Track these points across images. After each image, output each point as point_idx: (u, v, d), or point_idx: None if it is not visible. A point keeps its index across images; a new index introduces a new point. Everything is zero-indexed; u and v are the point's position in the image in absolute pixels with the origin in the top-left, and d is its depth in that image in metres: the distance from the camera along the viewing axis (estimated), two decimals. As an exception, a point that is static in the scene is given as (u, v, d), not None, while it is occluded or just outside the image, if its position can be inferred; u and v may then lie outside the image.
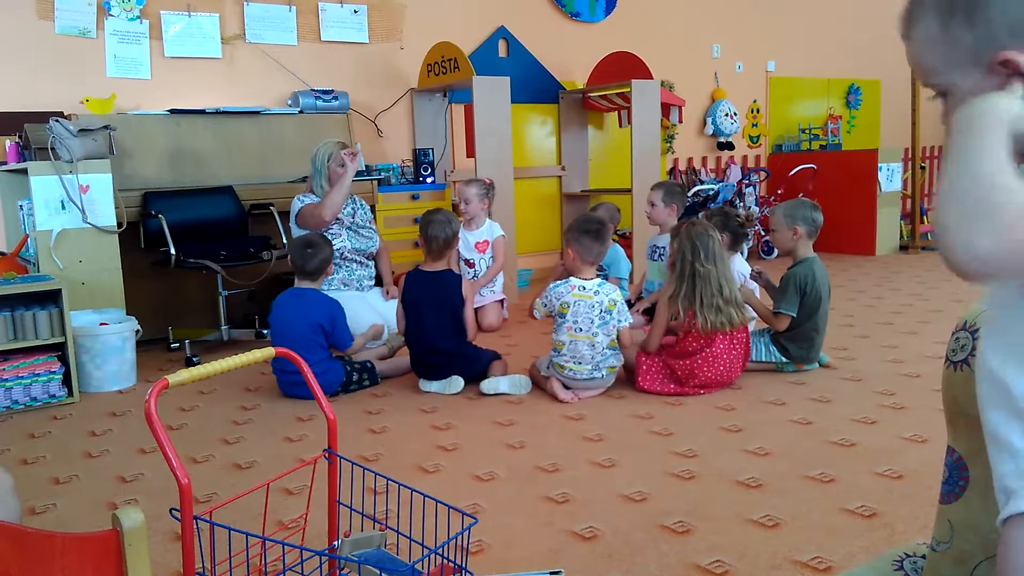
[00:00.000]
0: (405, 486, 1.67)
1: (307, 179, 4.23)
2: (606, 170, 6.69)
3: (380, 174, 5.16)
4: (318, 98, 5.00)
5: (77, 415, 3.20)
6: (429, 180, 5.35)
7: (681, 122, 6.80)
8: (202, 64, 4.92)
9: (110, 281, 3.78)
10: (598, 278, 3.18)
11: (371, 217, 4.32)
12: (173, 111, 4.56)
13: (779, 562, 1.78)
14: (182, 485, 1.21)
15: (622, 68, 6.06)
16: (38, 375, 3.28)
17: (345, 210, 4.11)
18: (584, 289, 3.11)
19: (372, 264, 4.29)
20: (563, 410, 3.01)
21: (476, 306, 4.02)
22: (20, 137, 4.06)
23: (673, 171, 7.10)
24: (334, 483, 1.60)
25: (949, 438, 1.02)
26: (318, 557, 1.53)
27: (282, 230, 4.27)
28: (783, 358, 3.35)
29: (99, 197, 3.74)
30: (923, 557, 1.07)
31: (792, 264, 3.37)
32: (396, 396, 3.29)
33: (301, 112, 4.94)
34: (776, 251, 3.31)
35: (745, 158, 7.62)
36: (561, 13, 6.37)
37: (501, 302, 4.61)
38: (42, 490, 2.40)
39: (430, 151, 5.42)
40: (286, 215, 4.27)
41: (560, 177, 6.47)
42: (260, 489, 1.64)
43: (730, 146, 7.40)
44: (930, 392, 2.97)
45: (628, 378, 3.26)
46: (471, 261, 4.58)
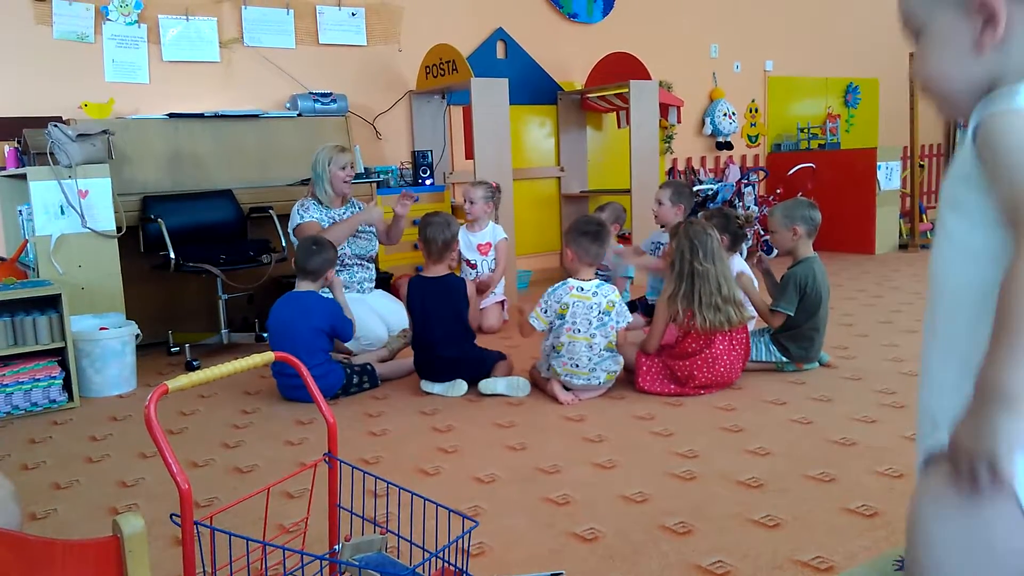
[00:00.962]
0: (405, 489, 1.67)
1: (308, 182, 4.23)
2: (605, 171, 6.69)
3: (379, 176, 5.16)
4: (316, 101, 5.00)
5: (78, 420, 3.20)
6: (428, 182, 5.35)
7: (680, 122, 6.80)
8: (200, 68, 4.92)
9: (110, 285, 3.78)
10: (597, 279, 3.18)
11: None
12: (172, 115, 4.56)
13: (780, 562, 1.78)
14: (182, 491, 1.21)
15: (620, 69, 6.06)
16: (38, 380, 3.28)
17: (345, 215, 4.11)
18: (582, 290, 3.10)
19: (373, 267, 4.29)
20: (563, 411, 3.01)
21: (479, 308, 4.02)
22: (19, 142, 4.06)
23: (672, 171, 7.10)
24: (334, 487, 1.60)
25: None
26: (319, 561, 1.54)
27: (281, 233, 4.27)
28: (783, 357, 3.35)
29: (98, 202, 3.74)
30: (923, 557, 1.07)
31: (793, 263, 3.37)
32: (396, 398, 3.29)
33: (300, 115, 4.94)
34: (776, 251, 3.30)
35: (744, 158, 7.62)
36: (559, 14, 6.37)
37: (501, 303, 4.61)
38: (43, 495, 2.40)
39: (429, 153, 5.42)
40: (285, 218, 4.28)
41: (559, 178, 6.47)
42: (261, 493, 1.64)
43: (729, 146, 7.41)
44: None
45: (628, 379, 3.26)
46: (473, 262, 4.59)
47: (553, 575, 1.73)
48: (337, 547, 1.60)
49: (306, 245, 3.42)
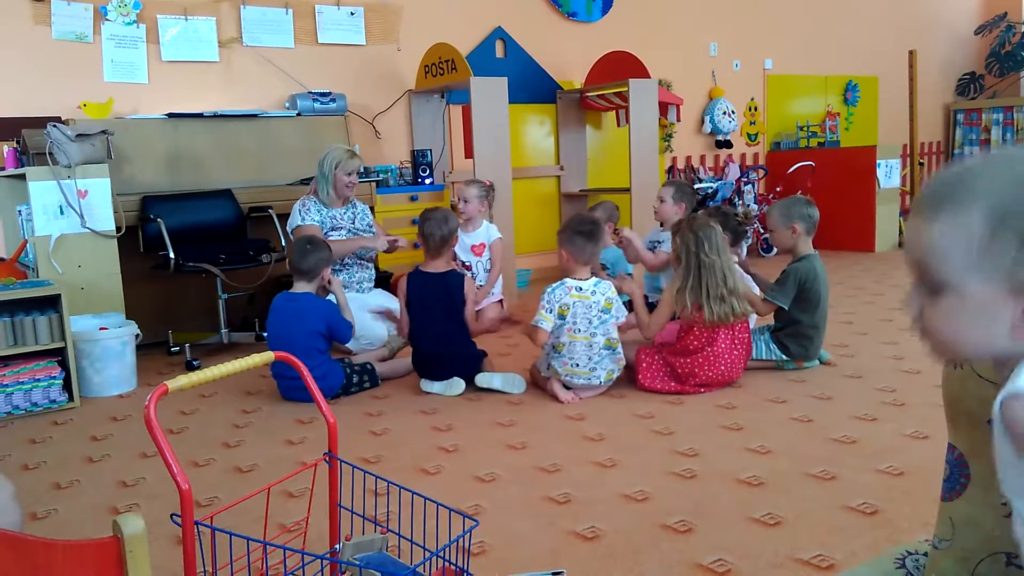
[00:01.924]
0: (406, 489, 1.67)
1: (311, 180, 4.21)
2: (604, 169, 6.69)
3: (378, 175, 5.16)
4: (316, 100, 5.00)
5: (78, 420, 3.20)
6: (427, 181, 5.34)
7: (679, 121, 6.79)
8: (199, 68, 4.92)
9: (109, 285, 3.78)
10: (594, 278, 3.18)
11: (371, 220, 4.31)
12: (171, 115, 4.56)
13: (781, 560, 1.78)
14: (182, 491, 1.21)
15: (619, 67, 6.06)
16: (38, 380, 3.28)
17: (345, 215, 4.11)
18: (581, 290, 3.10)
19: (372, 266, 4.29)
20: (564, 410, 3.00)
21: (476, 309, 4.00)
22: (18, 143, 4.05)
23: (672, 169, 7.10)
24: (335, 486, 1.59)
25: (950, 435, 1.02)
26: (320, 561, 1.53)
27: (281, 233, 4.27)
28: (783, 356, 3.35)
29: (97, 202, 3.74)
30: (925, 555, 1.07)
31: (793, 260, 3.37)
32: (396, 398, 3.29)
33: (299, 114, 4.94)
34: (776, 249, 3.31)
35: (744, 156, 7.61)
36: (558, 13, 6.36)
37: (500, 303, 4.60)
38: (43, 495, 2.40)
39: (428, 152, 5.42)
40: (285, 218, 4.27)
41: (559, 177, 6.47)
42: (261, 493, 1.64)
43: (728, 144, 7.40)
44: (931, 388, 2.96)
45: (628, 377, 3.26)
46: (467, 264, 4.56)
47: (554, 574, 1.73)
48: (338, 546, 1.60)
49: (301, 244, 3.41)
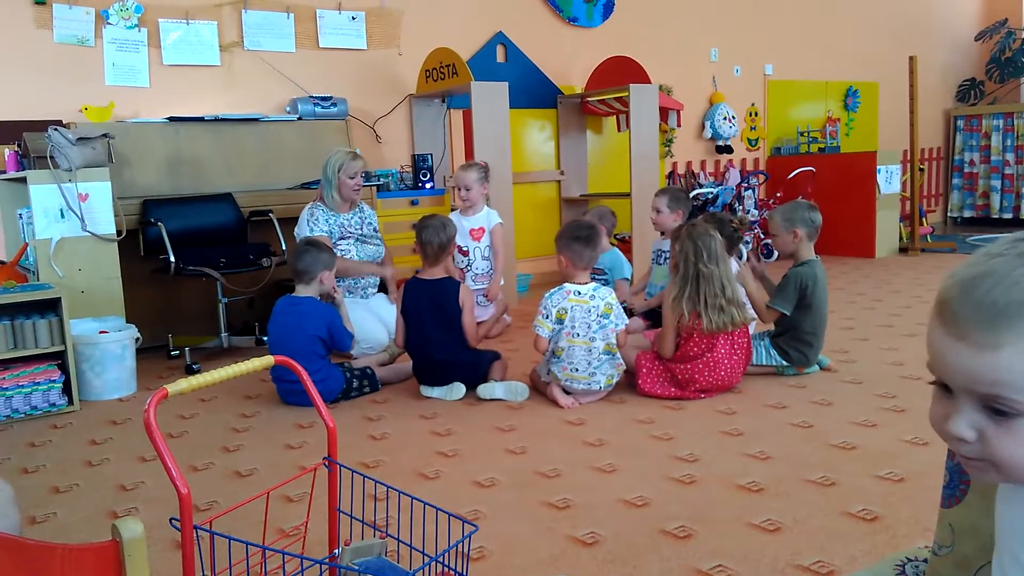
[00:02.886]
0: (405, 494, 1.67)
1: (310, 185, 4.22)
2: (605, 174, 6.70)
3: (379, 180, 5.16)
4: (317, 105, 5.00)
5: (77, 423, 3.19)
6: (428, 186, 5.35)
7: (679, 126, 6.80)
8: (200, 72, 4.93)
9: (110, 289, 3.78)
10: (593, 282, 3.18)
11: (377, 225, 4.33)
12: (172, 119, 4.56)
13: (781, 566, 1.78)
14: (182, 495, 1.21)
15: (620, 72, 6.07)
16: (38, 384, 3.28)
17: (353, 221, 4.12)
18: (580, 294, 3.10)
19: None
20: (563, 415, 3.00)
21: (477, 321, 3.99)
22: (19, 146, 4.06)
23: (672, 175, 7.10)
24: (334, 491, 1.59)
25: (949, 442, 1.02)
26: (319, 565, 1.53)
27: (281, 237, 4.27)
28: (783, 361, 3.35)
29: (98, 205, 3.74)
30: (925, 561, 1.07)
31: (794, 265, 3.37)
32: (396, 402, 3.28)
33: (300, 119, 4.95)
34: (776, 254, 3.30)
35: (744, 161, 7.62)
36: (559, 18, 6.38)
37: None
38: (42, 499, 2.40)
39: (429, 157, 5.42)
40: (285, 222, 4.28)
41: (559, 182, 6.47)
42: (260, 497, 1.63)
43: (729, 149, 7.41)
44: (931, 394, 2.96)
45: (628, 382, 3.26)
46: (465, 249, 4.47)
47: (553, 579, 1.73)
48: (337, 551, 1.60)
49: (300, 245, 3.42)
